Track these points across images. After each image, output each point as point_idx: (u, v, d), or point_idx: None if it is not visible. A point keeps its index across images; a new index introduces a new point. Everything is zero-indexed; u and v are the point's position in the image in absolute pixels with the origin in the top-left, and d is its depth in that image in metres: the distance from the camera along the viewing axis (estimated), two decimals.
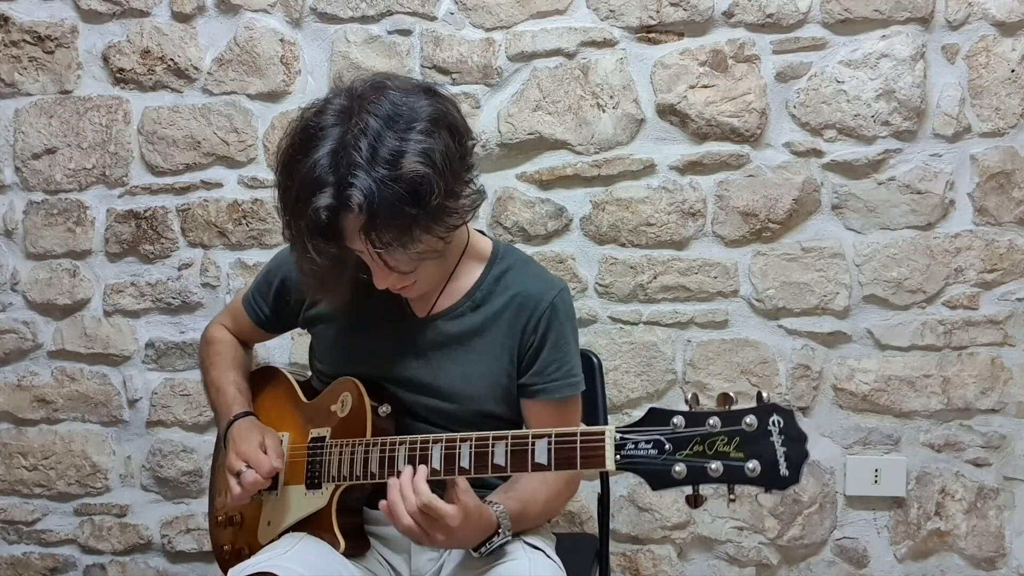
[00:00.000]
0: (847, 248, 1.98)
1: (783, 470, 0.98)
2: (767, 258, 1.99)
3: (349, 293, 1.26)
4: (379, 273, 1.20)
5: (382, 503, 1.17)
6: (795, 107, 1.96)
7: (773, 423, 0.98)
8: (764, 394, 1.01)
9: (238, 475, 1.28)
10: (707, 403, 1.03)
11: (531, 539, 1.29)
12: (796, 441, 0.98)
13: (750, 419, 0.99)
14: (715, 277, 2.00)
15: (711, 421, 1.01)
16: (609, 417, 1.72)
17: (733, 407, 1.01)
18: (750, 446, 0.99)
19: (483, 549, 1.20)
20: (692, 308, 2.02)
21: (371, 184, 1.08)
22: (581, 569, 1.53)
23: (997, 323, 1.96)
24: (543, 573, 1.21)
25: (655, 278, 2.01)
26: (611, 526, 2.03)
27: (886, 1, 1.91)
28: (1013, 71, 1.91)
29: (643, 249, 2.02)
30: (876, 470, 1.99)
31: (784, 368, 2.01)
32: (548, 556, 1.27)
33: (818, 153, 1.96)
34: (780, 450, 0.98)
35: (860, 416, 2.00)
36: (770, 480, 0.98)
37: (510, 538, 1.23)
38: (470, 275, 1.35)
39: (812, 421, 2.01)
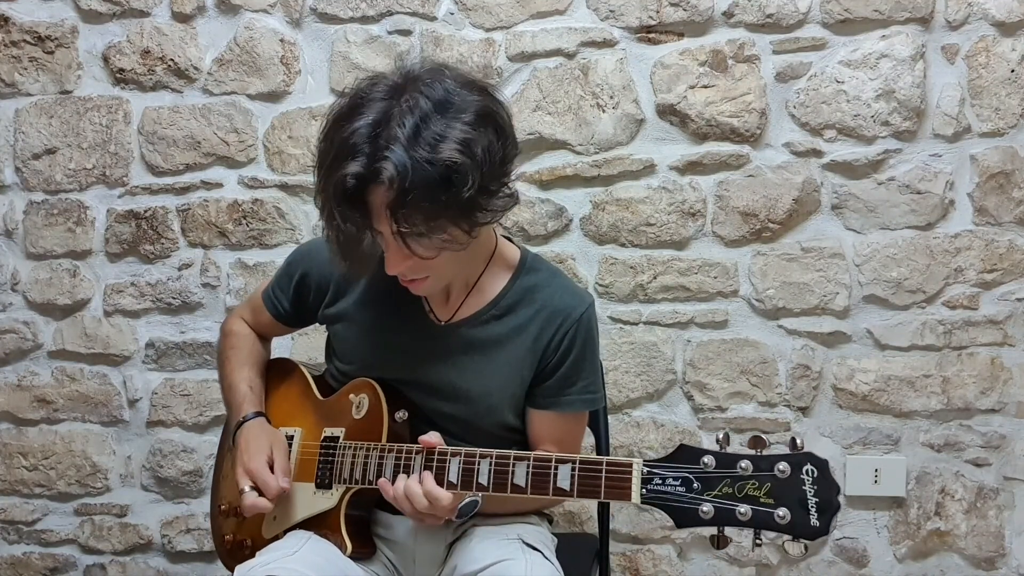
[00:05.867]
0: (847, 248, 1.98)
1: (813, 521, 0.98)
2: (767, 258, 1.99)
3: (374, 267, 1.22)
4: (393, 257, 1.18)
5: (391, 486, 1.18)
6: (795, 107, 1.96)
7: (807, 472, 0.98)
8: (798, 441, 1.01)
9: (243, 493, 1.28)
10: (737, 444, 1.02)
11: (530, 539, 1.29)
12: (829, 492, 0.98)
13: (783, 466, 0.99)
14: (715, 277, 2.00)
15: (742, 464, 1.01)
16: (609, 417, 1.72)
17: (765, 451, 1.01)
18: (781, 493, 0.99)
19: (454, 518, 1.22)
20: (692, 308, 2.02)
21: (406, 161, 1.07)
22: (581, 569, 1.52)
23: (997, 323, 1.96)
24: (540, 574, 1.21)
25: (655, 278, 2.01)
26: (611, 526, 2.03)
27: (886, 1, 1.91)
28: (1013, 71, 1.91)
29: (643, 249, 2.02)
30: (876, 470, 1.99)
31: (784, 368, 2.01)
32: (546, 557, 1.26)
33: (818, 153, 1.96)
34: (812, 500, 0.98)
35: (860, 416, 2.00)
36: (799, 529, 0.98)
37: (478, 500, 1.21)
38: (495, 283, 1.34)
39: (812, 421, 2.01)
